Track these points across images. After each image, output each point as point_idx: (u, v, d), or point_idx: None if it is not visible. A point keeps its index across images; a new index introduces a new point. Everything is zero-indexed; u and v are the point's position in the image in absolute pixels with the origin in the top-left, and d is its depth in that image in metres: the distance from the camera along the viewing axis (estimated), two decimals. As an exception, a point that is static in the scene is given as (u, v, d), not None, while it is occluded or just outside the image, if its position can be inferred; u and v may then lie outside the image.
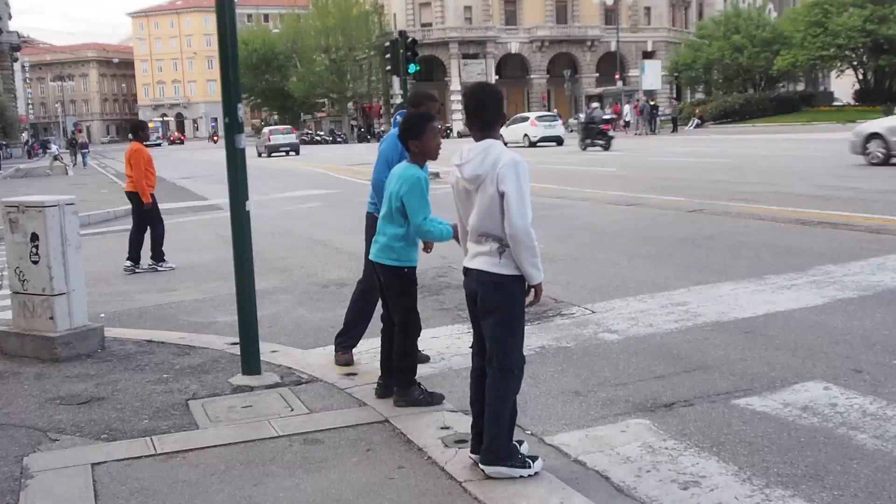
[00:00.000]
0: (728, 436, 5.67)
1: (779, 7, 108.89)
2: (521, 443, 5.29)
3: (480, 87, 5.25)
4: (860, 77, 72.03)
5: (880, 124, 25.78)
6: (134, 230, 14.48)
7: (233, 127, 7.23)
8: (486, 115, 5.08)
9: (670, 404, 6.37)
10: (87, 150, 68.35)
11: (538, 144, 55.08)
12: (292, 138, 70.22)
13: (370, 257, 6.62)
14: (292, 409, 6.57)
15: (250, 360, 7.40)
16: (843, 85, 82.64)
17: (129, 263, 14.16)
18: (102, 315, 10.48)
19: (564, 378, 7.15)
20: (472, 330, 5.42)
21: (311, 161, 52.76)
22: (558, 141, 55.36)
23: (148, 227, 14.42)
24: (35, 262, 8.28)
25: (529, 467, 5.02)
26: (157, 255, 14.24)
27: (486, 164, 4.93)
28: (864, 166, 24.18)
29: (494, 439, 5.05)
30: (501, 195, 4.85)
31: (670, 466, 5.25)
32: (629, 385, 6.86)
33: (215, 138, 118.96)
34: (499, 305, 5.02)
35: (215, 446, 5.88)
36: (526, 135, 57.57)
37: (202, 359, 8.12)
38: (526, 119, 58.33)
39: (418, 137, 6.21)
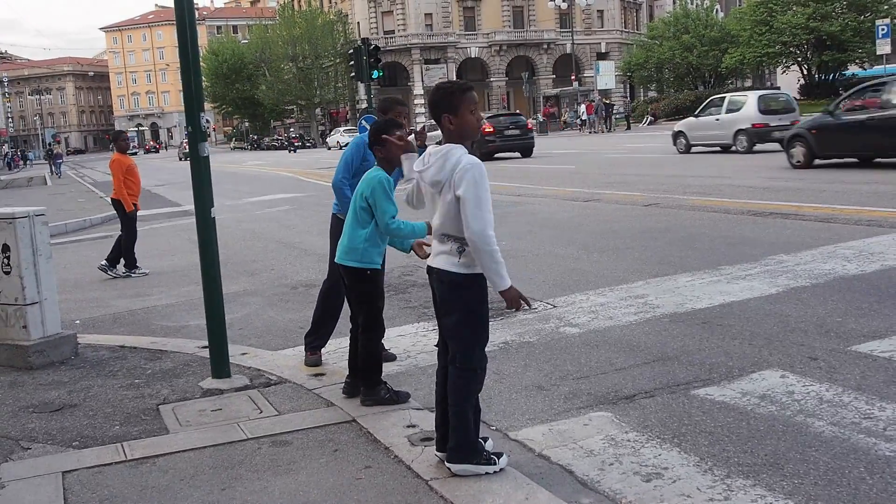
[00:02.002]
0: (689, 426, 5.55)
1: (725, 7, 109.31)
2: (485, 439, 5.15)
3: (434, 88, 5.09)
4: (805, 72, 72.31)
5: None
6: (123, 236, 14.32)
7: (196, 135, 7.08)
8: (437, 116, 4.94)
9: (631, 396, 6.24)
10: (60, 160, 68.79)
11: None
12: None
13: (335, 260, 6.48)
14: (261, 412, 6.40)
15: (220, 364, 7.22)
16: (788, 80, 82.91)
17: (104, 262, 14.13)
18: (77, 322, 10.27)
19: (528, 373, 7.02)
20: (437, 328, 5.29)
21: (280, 166, 52.48)
22: None
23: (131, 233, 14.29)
24: (7, 273, 8.08)
25: (495, 464, 4.88)
26: (130, 262, 14.04)
27: (445, 170, 4.81)
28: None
29: (460, 438, 4.92)
30: (458, 199, 4.73)
31: (633, 459, 5.12)
32: (591, 378, 6.74)
33: (184, 146, 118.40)
34: (457, 304, 4.91)
35: (185, 451, 5.71)
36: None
37: (173, 363, 7.93)
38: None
39: (383, 143, 6.10)
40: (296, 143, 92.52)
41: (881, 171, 19.98)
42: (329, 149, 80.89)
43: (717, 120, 31.60)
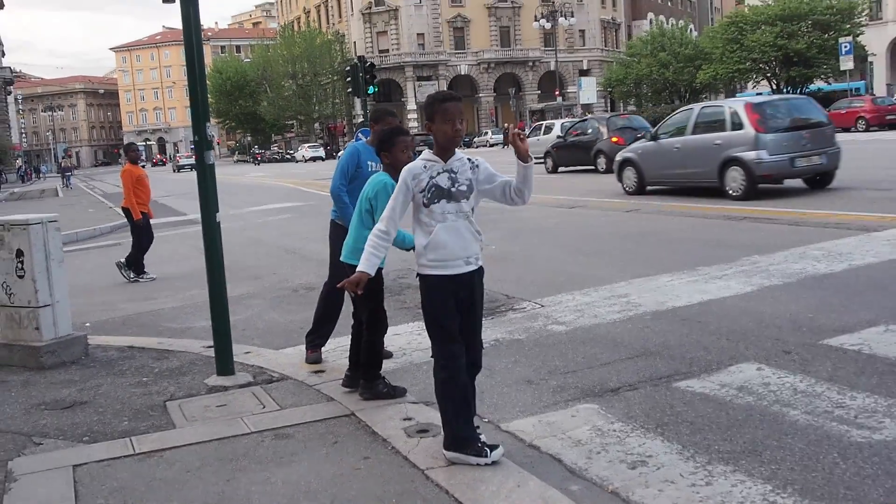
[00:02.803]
0: (671, 417, 5.51)
1: (699, 26, 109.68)
2: (477, 428, 5.10)
3: None
4: (774, 87, 72.48)
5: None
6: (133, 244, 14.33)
7: (202, 144, 7.04)
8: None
9: (616, 389, 6.20)
10: (70, 173, 69.39)
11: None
12: (191, 160, 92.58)
13: (341, 258, 6.44)
14: (264, 407, 6.35)
15: (224, 362, 7.16)
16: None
17: (122, 261, 14.15)
18: (87, 324, 10.18)
19: (518, 368, 6.97)
20: None
21: (281, 177, 52.40)
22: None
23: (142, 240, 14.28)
24: (21, 277, 8.01)
25: (486, 456, 4.80)
26: (138, 268, 13.97)
27: None
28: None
29: (447, 426, 4.93)
30: None
31: (619, 448, 5.08)
32: (578, 372, 6.69)
33: (177, 159, 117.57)
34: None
35: (191, 444, 5.65)
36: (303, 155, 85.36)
37: (179, 362, 7.86)
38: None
39: (389, 150, 6.08)
40: (258, 158, 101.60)
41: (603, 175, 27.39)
42: (296, 162, 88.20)
43: (538, 140, 37.77)
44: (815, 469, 4.56)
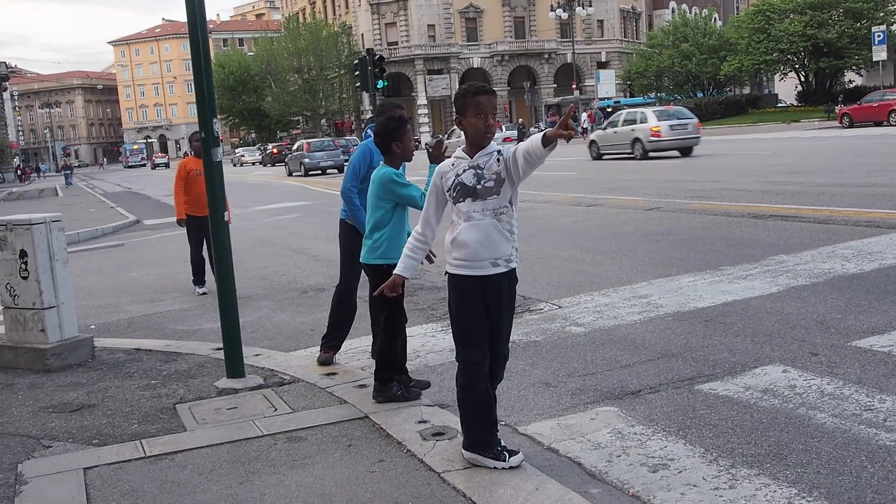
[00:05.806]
0: (693, 420, 5.60)
1: (723, 15, 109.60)
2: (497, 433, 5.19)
3: None
4: (802, 79, 72.48)
5: None
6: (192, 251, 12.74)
7: (209, 141, 7.13)
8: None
9: (637, 391, 6.29)
10: (69, 172, 70.44)
11: None
12: (164, 159, 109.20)
13: (360, 259, 6.57)
14: (276, 409, 6.46)
15: (234, 364, 7.28)
16: (786, 87, 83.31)
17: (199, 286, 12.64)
18: (93, 326, 10.33)
19: (535, 370, 7.07)
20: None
21: (286, 175, 52.51)
22: None
23: (205, 244, 12.35)
24: (24, 278, 8.14)
25: (504, 460, 4.89)
26: (197, 275, 12.70)
27: None
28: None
29: (466, 426, 5.04)
30: None
31: (639, 451, 5.17)
32: (597, 375, 6.79)
33: (153, 158, 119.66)
34: None
35: (202, 447, 5.76)
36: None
37: (188, 364, 7.99)
38: None
39: (401, 139, 6.22)
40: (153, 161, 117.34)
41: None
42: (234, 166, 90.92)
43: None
44: (843, 473, 4.63)
